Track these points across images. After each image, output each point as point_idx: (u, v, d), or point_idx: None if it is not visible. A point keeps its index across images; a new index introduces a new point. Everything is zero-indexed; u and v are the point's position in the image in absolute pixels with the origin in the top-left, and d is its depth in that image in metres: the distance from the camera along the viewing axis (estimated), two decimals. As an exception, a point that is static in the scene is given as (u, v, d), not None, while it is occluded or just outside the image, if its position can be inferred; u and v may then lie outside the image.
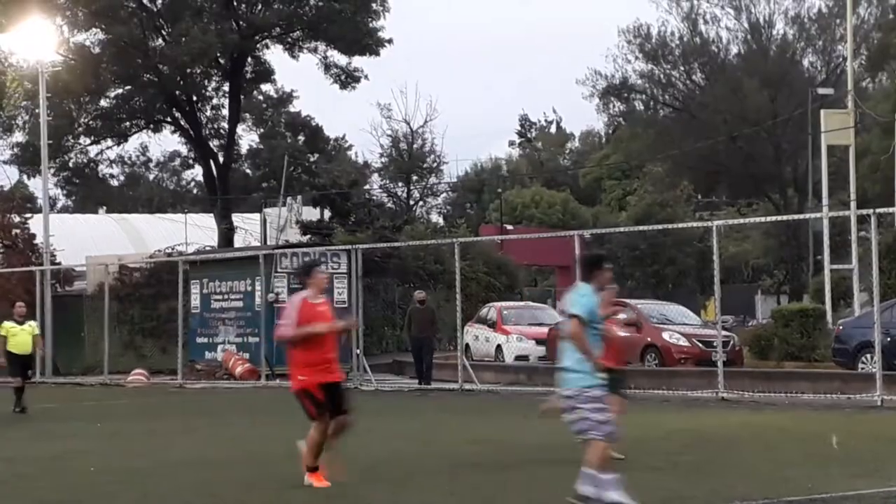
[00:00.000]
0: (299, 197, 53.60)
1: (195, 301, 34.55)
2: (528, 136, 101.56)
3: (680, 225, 40.03)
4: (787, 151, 59.18)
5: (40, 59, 38.84)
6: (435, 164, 68.98)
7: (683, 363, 28.25)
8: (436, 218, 75.29)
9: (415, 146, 67.55)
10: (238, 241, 50.70)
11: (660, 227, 45.44)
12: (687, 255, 66.54)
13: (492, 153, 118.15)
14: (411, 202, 67.72)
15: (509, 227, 61.69)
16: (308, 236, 49.41)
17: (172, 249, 43.40)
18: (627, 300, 35.14)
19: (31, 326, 23.54)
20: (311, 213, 53.80)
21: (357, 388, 28.26)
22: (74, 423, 20.72)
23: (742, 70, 60.81)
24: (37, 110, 39.94)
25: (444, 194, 79.56)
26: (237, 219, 52.60)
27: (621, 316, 15.07)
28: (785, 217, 47.42)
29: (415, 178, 67.77)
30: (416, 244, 38.80)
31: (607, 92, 63.49)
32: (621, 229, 53.46)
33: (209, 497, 12.00)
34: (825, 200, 37.77)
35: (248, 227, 53.10)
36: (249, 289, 33.01)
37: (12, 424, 21.05)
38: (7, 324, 23.41)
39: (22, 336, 22.99)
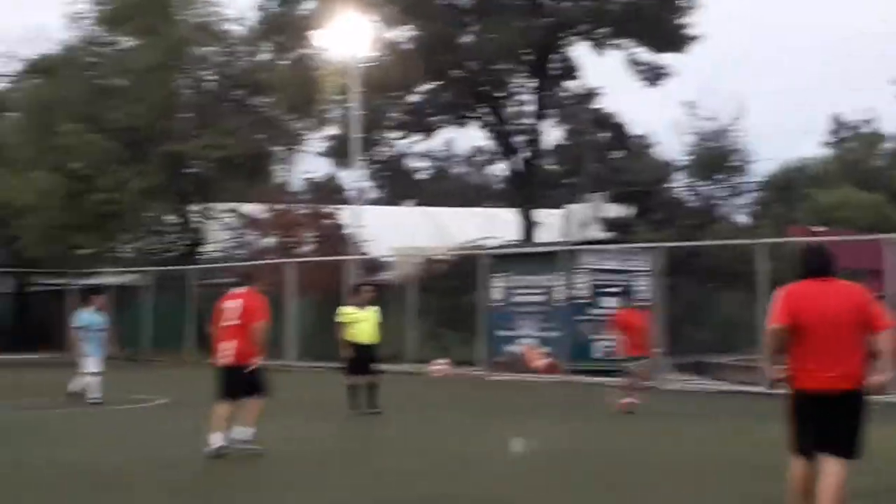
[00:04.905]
0: (602, 194, 53.33)
1: (497, 294, 34.81)
2: (840, 135, 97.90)
3: None
4: None
5: (354, 55, 39.77)
6: (741, 163, 67.30)
7: None
8: (741, 218, 73.41)
9: (721, 145, 66.09)
10: (540, 236, 50.82)
11: (982, 231, 42.94)
12: None
13: (801, 153, 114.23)
14: (716, 201, 66.35)
15: (818, 228, 59.54)
16: (610, 233, 49.11)
17: (476, 243, 43.86)
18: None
19: (374, 312, 20.25)
20: (614, 210, 53.44)
21: (657, 388, 28.00)
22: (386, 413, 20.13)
23: None
24: (350, 105, 41.02)
25: (751, 193, 77.48)
26: (540, 214, 52.75)
27: None
28: None
29: (720, 176, 66.32)
30: (720, 243, 37.99)
31: (925, 90, 60.49)
32: (938, 234, 50.52)
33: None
34: None
35: (550, 223, 53.15)
36: (551, 284, 33.01)
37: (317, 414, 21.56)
38: (345, 308, 20.52)
39: (363, 323, 20.04)
